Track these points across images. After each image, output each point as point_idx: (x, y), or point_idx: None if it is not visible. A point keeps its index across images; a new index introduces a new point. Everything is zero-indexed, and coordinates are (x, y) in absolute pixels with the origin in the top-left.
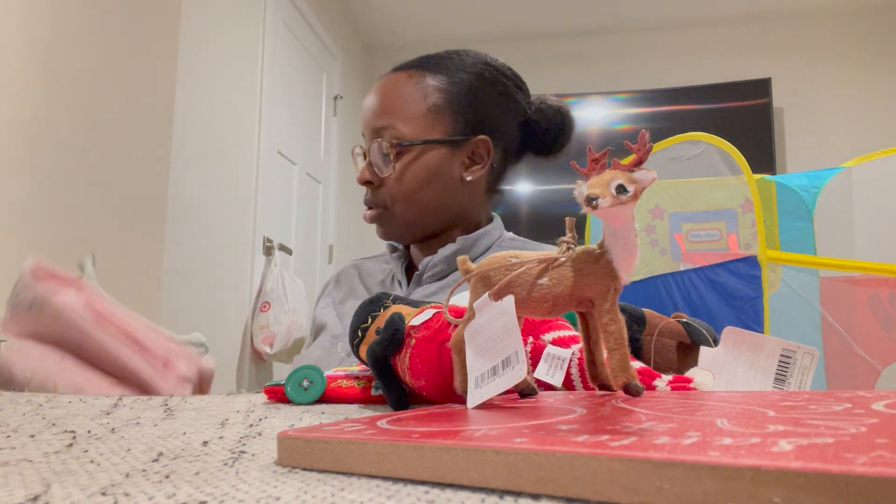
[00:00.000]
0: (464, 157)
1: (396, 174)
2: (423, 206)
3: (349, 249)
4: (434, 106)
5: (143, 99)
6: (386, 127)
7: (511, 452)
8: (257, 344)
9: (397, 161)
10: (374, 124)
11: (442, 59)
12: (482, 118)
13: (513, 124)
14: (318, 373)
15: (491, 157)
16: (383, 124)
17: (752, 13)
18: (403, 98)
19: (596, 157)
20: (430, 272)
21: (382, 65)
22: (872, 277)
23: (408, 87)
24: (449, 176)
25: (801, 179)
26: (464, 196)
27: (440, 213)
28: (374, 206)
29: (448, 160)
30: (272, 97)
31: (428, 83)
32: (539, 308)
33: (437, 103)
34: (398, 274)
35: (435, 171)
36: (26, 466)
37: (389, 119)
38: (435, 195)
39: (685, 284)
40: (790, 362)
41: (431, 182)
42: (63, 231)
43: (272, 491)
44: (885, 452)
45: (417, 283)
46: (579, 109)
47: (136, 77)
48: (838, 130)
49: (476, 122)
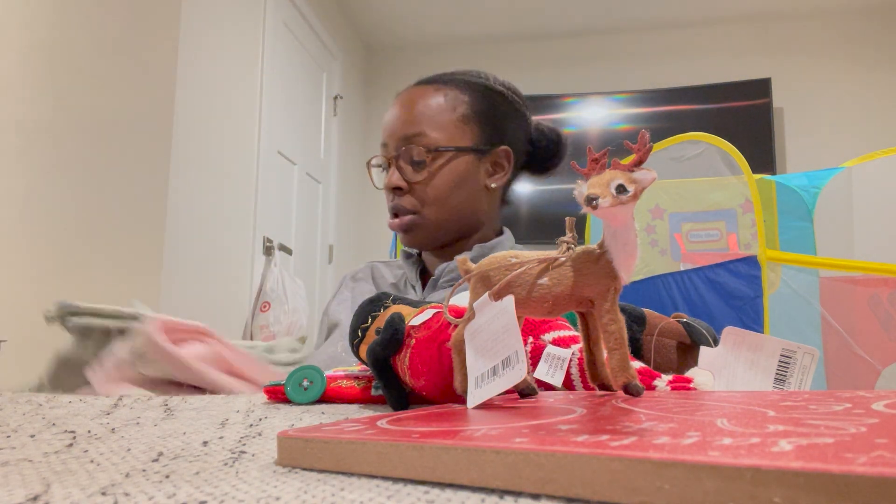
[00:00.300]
0: (488, 165)
1: (428, 178)
2: (452, 210)
3: (349, 249)
4: (463, 116)
5: (143, 99)
6: (418, 134)
7: (511, 452)
8: None
9: (430, 166)
10: (403, 132)
11: (462, 75)
12: (502, 131)
13: (523, 140)
14: (318, 373)
15: (511, 166)
16: (415, 131)
17: (752, 13)
18: (433, 108)
19: (596, 157)
20: (447, 277)
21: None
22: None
23: (437, 98)
24: (475, 182)
25: (801, 179)
26: (485, 203)
27: (466, 218)
28: (402, 212)
29: (475, 167)
30: (272, 97)
31: (455, 95)
32: (539, 308)
33: (465, 113)
34: (412, 279)
35: (464, 176)
36: (26, 466)
37: (421, 127)
38: (462, 200)
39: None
40: (790, 362)
41: (460, 187)
42: (63, 231)
43: (272, 491)
44: (885, 452)
45: (433, 288)
46: (579, 109)
47: (136, 77)
48: (838, 130)
49: (497, 133)
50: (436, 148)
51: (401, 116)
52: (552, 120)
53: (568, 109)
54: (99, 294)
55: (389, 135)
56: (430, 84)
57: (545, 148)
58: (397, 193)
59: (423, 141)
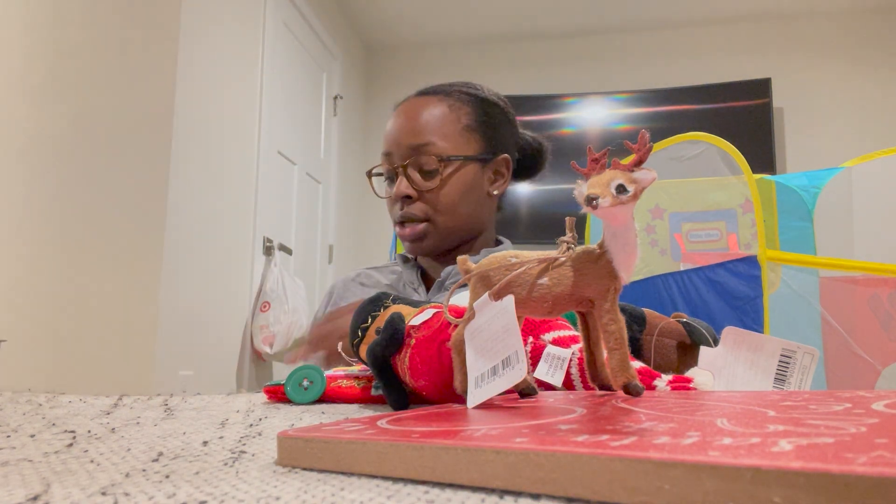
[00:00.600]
0: (490, 173)
1: (439, 187)
2: (461, 217)
3: (349, 249)
4: (467, 126)
5: (143, 99)
6: (427, 143)
7: (511, 452)
8: (257, 344)
9: (441, 174)
10: (410, 141)
11: (461, 86)
12: (500, 140)
13: (515, 148)
14: (318, 373)
15: (510, 173)
16: (423, 141)
17: (752, 13)
18: (439, 118)
19: (596, 157)
20: (453, 279)
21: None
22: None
23: (441, 108)
24: (480, 189)
25: (801, 179)
26: (487, 210)
27: (472, 224)
28: (413, 220)
29: (479, 175)
30: (272, 97)
31: (458, 106)
32: (539, 308)
33: (469, 124)
34: (414, 282)
35: (471, 185)
36: (26, 466)
37: (429, 136)
38: (470, 207)
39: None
40: (790, 362)
41: (468, 195)
42: (63, 231)
43: (272, 491)
44: (885, 452)
45: (439, 290)
46: (579, 109)
47: (136, 77)
48: (838, 130)
49: (496, 142)
50: (447, 157)
51: (406, 126)
52: (552, 120)
53: (568, 109)
54: (98, 294)
55: (395, 144)
56: (432, 95)
57: (530, 156)
58: (406, 202)
59: (432, 150)
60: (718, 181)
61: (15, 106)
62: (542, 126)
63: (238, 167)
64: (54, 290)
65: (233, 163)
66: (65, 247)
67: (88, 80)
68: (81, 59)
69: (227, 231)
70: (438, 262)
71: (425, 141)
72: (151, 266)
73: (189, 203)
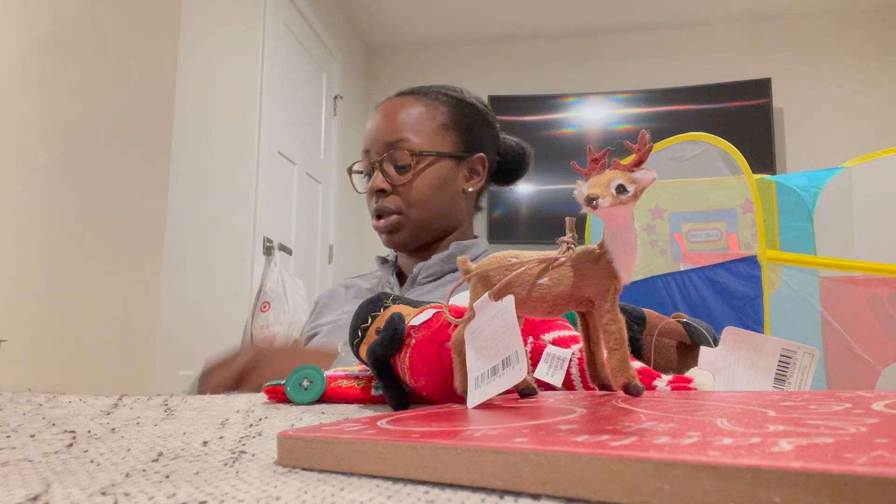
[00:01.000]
0: (465, 170)
1: (412, 181)
2: (434, 211)
3: (349, 249)
4: (442, 124)
5: (143, 99)
6: (401, 140)
7: (511, 452)
8: (257, 344)
9: (414, 169)
10: (386, 138)
11: (440, 88)
12: (476, 140)
13: (494, 150)
14: (318, 373)
15: (486, 172)
16: (398, 137)
17: (752, 13)
18: (415, 116)
19: (596, 157)
20: (425, 273)
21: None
22: (872, 277)
23: (418, 107)
24: (454, 185)
25: (801, 179)
26: (462, 206)
27: (445, 219)
28: (386, 213)
29: (454, 172)
30: (272, 97)
31: (434, 105)
32: (539, 308)
33: (445, 122)
34: (391, 280)
35: (444, 180)
36: (26, 466)
37: (404, 133)
38: (443, 202)
39: (685, 284)
40: (790, 362)
41: (441, 190)
42: (63, 231)
43: (272, 491)
44: (885, 452)
45: (412, 284)
46: (579, 109)
47: (136, 77)
48: (838, 130)
49: (473, 142)
50: (419, 152)
51: (383, 124)
52: (552, 120)
53: (568, 109)
54: (98, 294)
55: (372, 141)
56: (410, 95)
57: (511, 160)
58: (381, 195)
59: (406, 146)
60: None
61: (15, 106)
62: (542, 126)
63: (238, 167)
64: (54, 291)
65: (233, 163)
66: (65, 247)
67: (88, 80)
68: (81, 59)
69: (227, 231)
70: (413, 259)
71: (400, 137)
72: (151, 266)
73: (189, 203)
